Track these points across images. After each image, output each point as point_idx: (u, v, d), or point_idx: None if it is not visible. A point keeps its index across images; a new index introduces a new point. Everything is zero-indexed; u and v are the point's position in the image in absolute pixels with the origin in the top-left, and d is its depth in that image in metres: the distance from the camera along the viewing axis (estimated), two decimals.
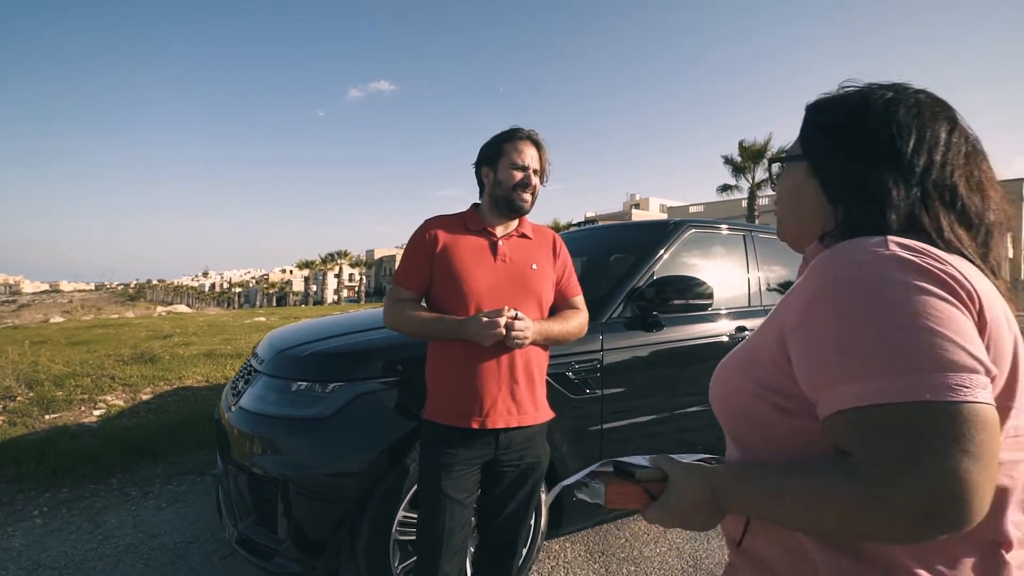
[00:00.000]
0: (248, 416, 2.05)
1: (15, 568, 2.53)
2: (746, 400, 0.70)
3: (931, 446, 0.50)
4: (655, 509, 0.69)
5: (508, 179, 1.63)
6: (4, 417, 4.29)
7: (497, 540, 1.67)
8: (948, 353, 0.51)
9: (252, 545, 1.95)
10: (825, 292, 0.60)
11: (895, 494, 0.51)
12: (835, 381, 0.56)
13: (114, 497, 3.26)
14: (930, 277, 0.55)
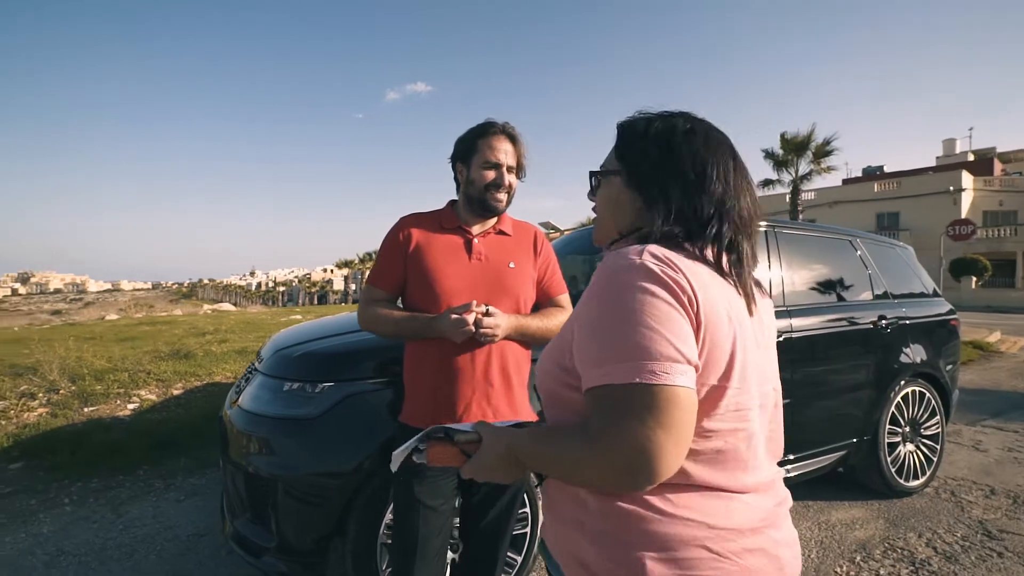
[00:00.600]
0: (244, 415, 2.06)
1: (41, 553, 2.64)
2: (550, 381, 0.84)
3: (635, 418, 0.64)
4: (469, 465, 0.84)
5: (480, 178, 1.56)
6: (47, 409, 4.51)
7: (479, 548, 1.62)
8: (657, 346, 0.66)
9: (245, 542, 1.96)
10: (591, 293, 0.75)
11: (606, 455, 0.66)
12: (585, 365, 0.72)
13: (139, 488, 3.38)
14: (661, 284, 0.69)
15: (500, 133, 1.57)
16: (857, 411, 3.07)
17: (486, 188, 1.56)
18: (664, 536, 0.71)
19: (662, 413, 0.64)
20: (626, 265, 0.71)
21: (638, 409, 0.64)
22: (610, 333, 0.69)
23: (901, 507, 3.13)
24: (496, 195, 1.57)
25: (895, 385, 3.20)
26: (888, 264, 3.60)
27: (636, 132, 0.87)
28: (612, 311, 0.70)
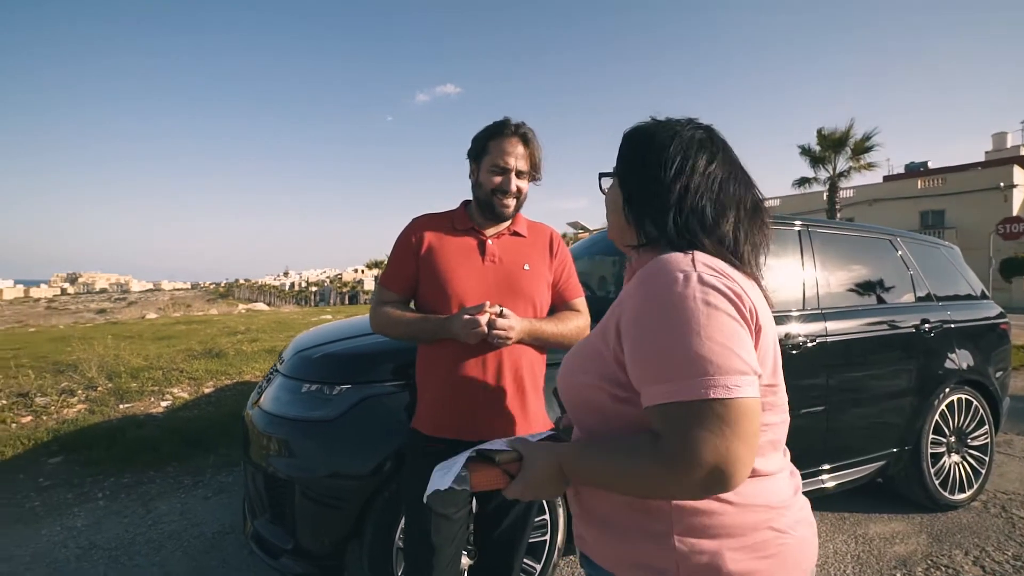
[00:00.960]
0: (264, 416, 2.06)
1: (74, 546, 2.71)
2: (588, 392, 0.84)
3: (714, 433, 0.66)
4: (514, 486, 0.82)
5: (487, 182, 1.50)
6: (86, 406, 4.66)
7: (494, 556, 1.57)
8: (728, 361, 0.68)
9: (264, 543, 1.97)
10: (647, 305, 0.74)
11: (688, 471, 0.67)
12: (650, 381, 0.72)
13: (168, 484, 3.45)
14: (723, 296, 0.72)
15: (512, 135, 1.50)
16: (898, 419, 2.91)
17: (492, 192, 1.51)
18: (736, 526, 0.75)
19: (737, 425, 0.67)
20: (682, 277, 0.73)
21: (715, 424, 0.67)
22: (676, 348, 0.69)
23: (946, 521, 2.95)
24: (503, 201, 1.51)
25: (939, 392, 3.03)
26: (932, 265, 3.41)
27: (629, 138, 0.91)
28: (676, 325, 0.70)
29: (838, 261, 2.97)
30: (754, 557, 0.75)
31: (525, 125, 1.52)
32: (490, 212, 1.53)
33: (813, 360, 2.61)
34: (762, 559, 0.75)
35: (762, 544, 0.76)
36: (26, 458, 3.77)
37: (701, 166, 0.84)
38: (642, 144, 0.88)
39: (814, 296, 2.75)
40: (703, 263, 0.75)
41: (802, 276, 2.75)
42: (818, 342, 2.61)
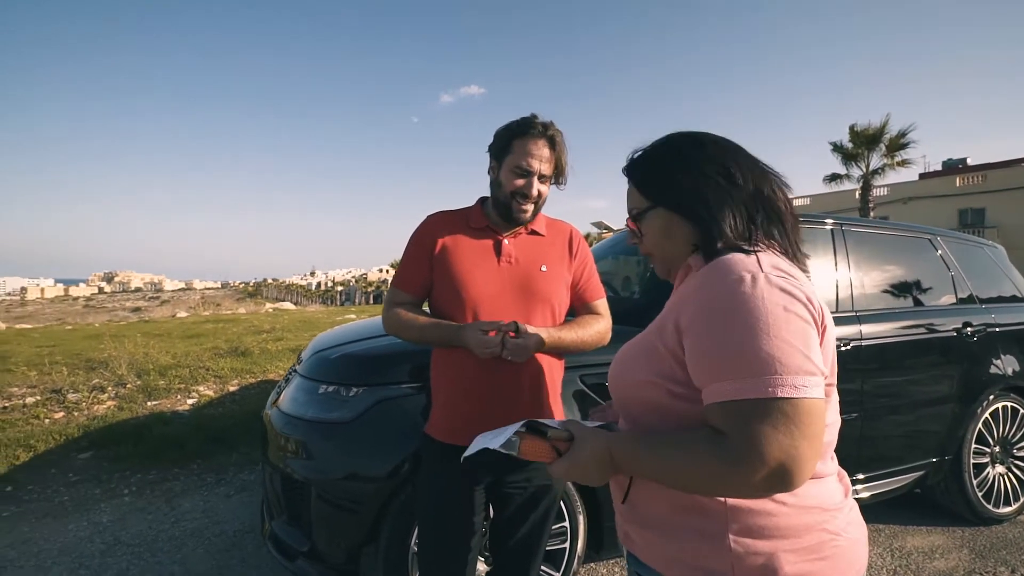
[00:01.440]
0: (282, 416, 2.05)
1: (99, 541, 2.76)
2: (644, 389, 0.84)
3: (780, 431, 0.67)
4: (560, 463, 0.82)
5: (508, 184, 1.42)
6: (115, 402, 4.76)
7: (509, 565, 1.52)
8: (797, 361, 0.68)
9: (280, 544, 1.95)
10: (716, 304, 0.74)
11: (753, 468, 0.67)
12: (714, 378, 0.72)
13: (192, 482, 3.49)
14: (793, 299, 0.72)
15: (540, 136, 1.41)
16: (937, 427, 2.77)
17: (512, 195, 1.43)
18: (791, 527, 0.76)
19: (804, 425, 0.67)
20: (749, 277, 0.73)
21: (781, 422, 0.67)
22: (744, 346, 0.69)
23: (989, 536, 2.80)
24: (522, 205, 1.44)
25: (983, 400, 2.87)
26: (974, 265, 3.24)
27: (650, 164, 0.91)
28: (745, 324, 0.70)
29: (873, 261, 2.84)
30: (809, 559, 0.75)
31: (554, 126, 1.43)
32: (507, 214, 1.47)
33: (846, 364, 2.49)
34: (816, 561, 0.75)
35: (817, 546, 0.76)
36: (57, 453, 3.86)
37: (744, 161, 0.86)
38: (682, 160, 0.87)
39: (848, 298, 2.63)
40: (769, 263, 0.76)
41: (835, 277, 2.64)
42: (852, 346, 2.50)
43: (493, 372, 1.38)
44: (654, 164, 0.90)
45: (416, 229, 1.54)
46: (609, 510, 2.02)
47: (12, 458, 3.72)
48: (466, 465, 1.39)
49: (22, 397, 4.88)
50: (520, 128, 1.42)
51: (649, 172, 0.91)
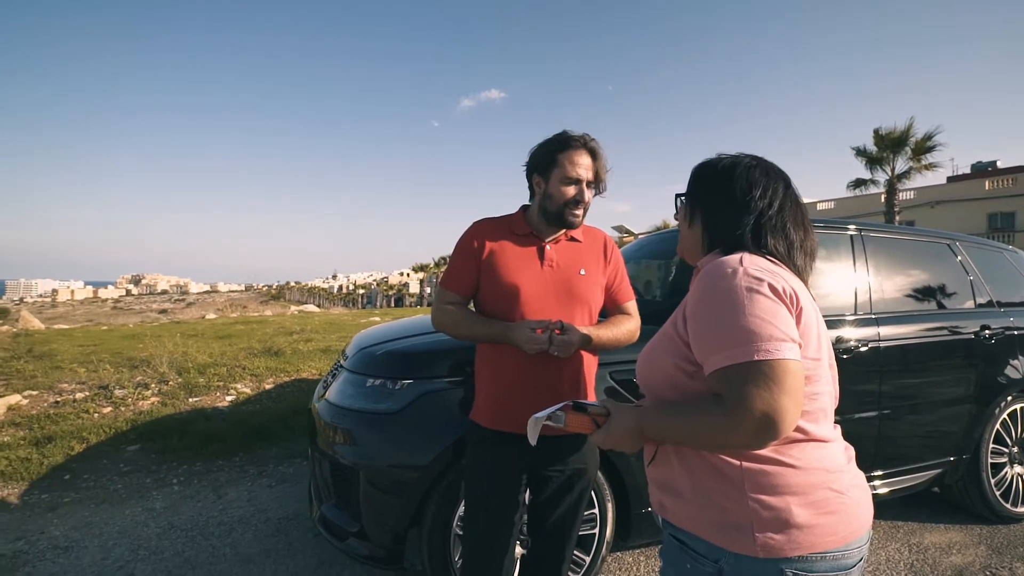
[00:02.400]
0: (331, 408, 2.22)
1: (154, 526, 2.96)
2: (667, 370, 0.99)
3: (762, 387, 0.82)
4: (599, 433, 1.00)
5: (560, 195, 1.55)
6: (159, 398, 5.01)
7: (546, 545, 1.66)
8: (769, 330, 0.84)
9: (330, 526, 2.12)
10: (705, 294, 0.93)
11: (744, 419, 0.82)
12: (710, 352, 0.89)
13: (235, 473, 3.69)
14: (764, 285, 0.89)
15: (582, 147, 1.54)
16: (955, 427, 2.84)
17: (565, 205, 1.55)
18: (799, 485, 0.89)
19: (781, 381, 0.81)
20: (731, 272, 0.90)
21: (762, 380, 0.82)
22: (729, 325, 0.86)
23: (1007, 534, 2.86)
24: (574, 211, 1.56)
25: (1000, 401, 2.94)
26: (994, 270, 3.30)
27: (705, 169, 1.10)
28: (728, 307, 0.88)
29: (893, 266, 2.93)
30: (817, 513, 0.88)
31: (590, 137, 1.58)
32: (559, 223, 1.59)
33: (865, 365, 2.59)
34: (824, 515, 0.88)
35: (823, 502, 0.89)
36: (108, 445, 4.10)
37: (757, 180, 1.03)
38: (712, 172, 1.08)
39: (867, 301, 2.72)
40: (749, 262, 0.93)
41: (854, 281, 2.73)
42: (870, 347, 2.59)
43: (537, 366, 1.52)
44: (699, 169, 1.11)
45: (464, 234, 1.66)
46: (636, 499, 2.15)
47: (67, 449, 3.97)
48: (512, 449, 1.54)
49: (72, 393, 5.16)
50: (562, 143, 1.56)
51: (694, 174, 1.11)
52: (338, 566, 2.51)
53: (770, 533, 0.87)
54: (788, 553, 0.87)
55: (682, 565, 0.98)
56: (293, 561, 2.57)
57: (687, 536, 0.97)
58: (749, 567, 0.89)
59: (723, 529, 0.91)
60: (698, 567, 0.95)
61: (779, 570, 0.88)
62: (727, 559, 0.91)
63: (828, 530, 0.88)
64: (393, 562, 2.00)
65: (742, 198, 1.02)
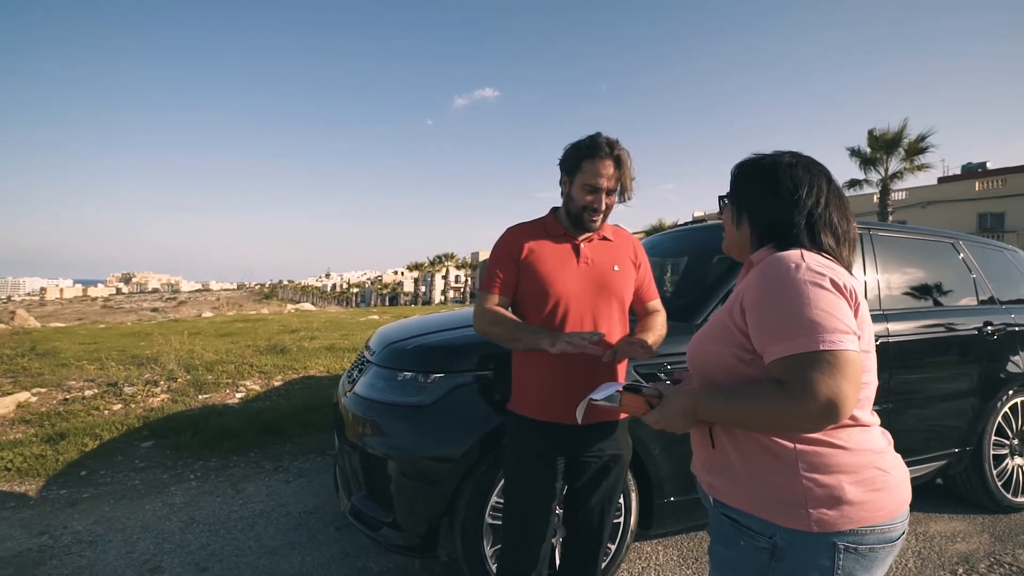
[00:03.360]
0: (361, 401, 2.27)
1: (176, 520, 3.00)
2: (721, 357, 1.06)
3: (827, 375, 0.88)
4: (653, 413, 1.05)
5: (579, 199, 1.62)
6: (168, 395, 5.04)
7: (582, 531, 1.73)
8: (833, 322, 0.90)
9: (363, 516, 2.17)
10: (770, 288, 0.98)
11: (809, 404, 0.88)
12: (774, 341, 0.94)
13: (251, 469, 3.74)
14: (826, 280, 0.95)
15: (607, 157, 1.58)
16: (959, 421, 2.94)
17: (584, 209, 1.63)
18: (848, 464, 0.96)
19: (843, 369, 0.88)
20: (794, 267, 0.97)
21: (827, 368, 0.88)
22: (795, 316, 0.93)
23: (1008, 523, 2.96)
24: (592, 217, 1.64)
25: (1002, 395, 3.04)
26: (995, 268, 3.41)
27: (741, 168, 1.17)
28: (793, 299, 0.94)
29: (900, 263, 3.02)
30: (866, 490, 0.96)
31: (619, 145, 1.61)
32: (579, 225, 1.67)
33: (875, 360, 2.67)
34: (872, 492, 0.96)
35: (871, 480, 0.97)
36: (121, 441, 4.13)
37: (801, 177, 1.09)
38: (757, 171, 1.14)
39: (876, 298, 2.81)
40: (808, 257, 0.99)
41: (863, 278, 2.82)
42: (880, 342, 2.68)
43: (581, 359, 1.58)
44: (741, 170, 1.17)
45: (501, 240, 1.74)
46: (658, 490, 2.22)
47: (81, 445, 3.99)
48: (553, 438, 1.61)
49: (81, 390, 5.17)
50: (589, 150, 1.60)
51: (736, 175, 1.17)
52: (363, 557, 2.57)
53: (823, 509, 0.94)
54: (841, 527, 0.93)
55: (735, 542, 1.03)
56: (318, 552, 2.62)
57: (740, 515, 1.03)
58: (804, 541, 0.95)
59: (778, 506, 0.97)
60: (752, 543, 1.00)
61: (832, 543, 0.94)
62: (781, 534, 0.97)
63: (876, 506, 0.95)
64: (427, 551, 2.06)
65: (789, 197, 1.07)
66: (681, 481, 2.26)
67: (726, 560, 1.07)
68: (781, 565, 0.97)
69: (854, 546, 0.94)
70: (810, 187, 1.08)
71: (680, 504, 2.28)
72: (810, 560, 0.95)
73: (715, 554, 1.11)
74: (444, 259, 57.07)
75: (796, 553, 0.96)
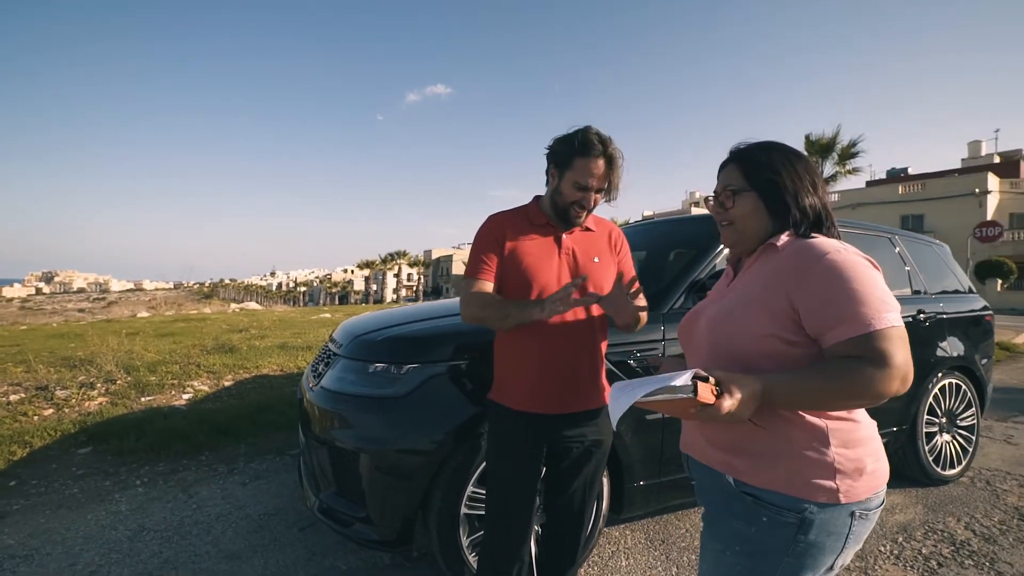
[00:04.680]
0: (329, 395, 2.21)
1: (123, 528, 2.83)
2: (762, 340, 1.07)
3: (902, 347, 0.95)
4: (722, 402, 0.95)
5: (569, 195, 1.62)
6: (107, 398, 4.74)
7: (563, 518, 1.74)
8: (891, 302, 0.98)
9: (333, 513, 2.12)
10: (828, 272, 1.00)
11: (895, 373, 0.94)
12: (841, 321, 0.98)
13: (204, 472, 3.57)
14: (870, 263, 1.02)
15: (600, 156, 1.57)
16: (896, 403, 3.16)
17: (571, 204, 1.63)
18: (866, 438, 1.06)
19: (906, 342, 0.97)
20: (839, 249, 1.03)
21: (899, 342, 0.95)
22: (865, 297, 0.97)
23: (939, 495, 3.22)
24: (578, 212, 1.64)
25: (933, 377, 3.29)
26: (925, 261, 3.68)
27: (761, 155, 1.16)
28: (857, 282, 0.98)
29: None
30: (876, 459, 1.06)
31: (612, 144, 1.59)
32: (564, 218, 1.67)
33: None
34: (879, 460, 1.07)
35: (877, 451, 1.07)
36: (56, 448, 3.85)
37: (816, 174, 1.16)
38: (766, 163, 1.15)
39: None
40: (842, 243, 1.06)
41: None
42: None
43: (562, 347, 1.61)
44: (763, 157, 1.15)
45: (484, 227, 1.71)
46: (629, 474, 2.28)
47: (8, 454, 3.70)
48: (539, 427, 1.61)
49: (5, 395, 4.79)
50: (584, 147, 1.57)
51: (758, 162, 1.15)
52: (331, 556, 2.51)
53: (850, 481, 1.01)
54: (861, 496, 1.02)
55: (757, 519, 1.06)
56: (282, 555, 2.54)
57: (763, 492, 1.05)
58: (831, 513, 1.01)
59: (809, 483, 1.02)
60: (776, 519, 1.03)
61: (851, 512, 1.02)
62: (811, 509, 1.01)
63: (881, 473, 1.05)
64: (401, 544, 2.03)
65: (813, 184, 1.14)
66: (649, 465, 2.33)
67: (736, 533, 1.09)
68: (807, 537, 1.02)
69: (864, 511, 1.03)
70: (812, 173, 1.15)
71: (649, 488, 2.35)
72: (833, 530, 1.02)
73: (721, 526, 1.12)
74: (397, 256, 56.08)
75: (822, 526, 1.02)
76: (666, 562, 2.46)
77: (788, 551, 1.03)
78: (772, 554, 1.05)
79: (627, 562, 2.46)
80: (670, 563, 2.45)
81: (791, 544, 1.03)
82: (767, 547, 1.05)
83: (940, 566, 2.44)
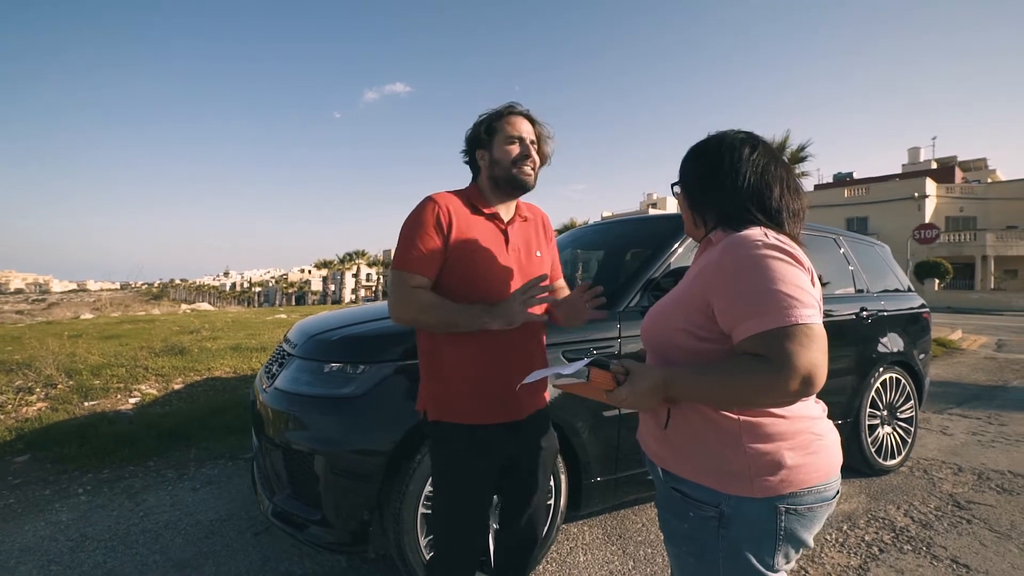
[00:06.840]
0: (283, 396, 2.16)
1: (64, 539, 2.69)
2: (676, 334, 1.09)
3: (806, 348, 0.90)
4: (620, 391, 1.00)
5: (506, 155, 1.50)
6: (47, 404, 4.50)
7: (518, 523, 1.68)
8: (804, 297, 0.93)
9: (287, 517, 2.07)
10: (738, 265, 0.98)
11: (793, 376, 0.89)
12: (747, 317, 0.95)
13: (152, 478, 3.43)
14: (790, 256, 0.97)
15: (520, 114, 1.52)
16: (841, 396, 3.31)
17: (513, 163, 1.50)
18: (787, 432, 1.02)
19: (817, 342, 0.91)
20: (760, 243, 0.98)
21: (805, 341, 0.90)
22: (768, 292, 0.94)
23: (880, 484, 3.38)
24: (524, 168, 1.51)
25: (874, 372, 3.45)
26: (868, 261, 3.86)
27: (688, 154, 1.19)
28: (764, 276, 0.95)
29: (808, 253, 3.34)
30: (803, 454, 1.01)
31: (527, 109, 1.56)
32: (512, 185, 1.52)
33: None
34: (808, 455, 1.02)
35: (806, 444, 1.02)
36: None
37: (745, 155, 1.11)
38: (699, 153, 1.17)
39: None
40: (772, 235, 1.01)
41: None
42: None
43: (511, 350, 1.51)
44: (688, 155, 1.19)
45: (423, 208, 1.46)
46: (586, 471, 2.31)
47: None
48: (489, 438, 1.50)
49: None
50: (498, 112, 1.54)
51: (684, 161, 1.20)
52: (286, 561, 2.45)
53: (766, 476, 0.99)
54: (782, 491, 0.99)
55: (685, 514, 1.07)
56: (235, 561, 2.46)
57: (688, 485, 1.07)
58: (748, 507, 1.00)
59: (723, 476, 1.02)
60: (700, 513, 1.04)
61: (774, 507, 0.99)
62: (727, 502, 1.01)
63: (812, 468, 1.01)
64: (358, 546, 2.00)
65: (737, 177, 1.09)
66: (607, 462, 2.36)
67: (678, 531, 1.10)
68: (729, 532, 1.02)
69: (794, 507, 1.00)
70: (755, 165, 1.09)
71: (606, 484, 2.38)
72: (755, 524, 1.00)
73: (667, 525, 1.14)
74: (355, 256, 55.03)
75: (742, 519, 1.01)
76: (623, 556, 2.50)
77: (719, 547, 1.03)
78: (708, 552, 1.04)
79: (585, 557, 2.50)
80: (627, 557, 2.50)
81: (718, 539, 1.03)
82: (703, 545, 1.05)
83: (881, 552, 2.57)
